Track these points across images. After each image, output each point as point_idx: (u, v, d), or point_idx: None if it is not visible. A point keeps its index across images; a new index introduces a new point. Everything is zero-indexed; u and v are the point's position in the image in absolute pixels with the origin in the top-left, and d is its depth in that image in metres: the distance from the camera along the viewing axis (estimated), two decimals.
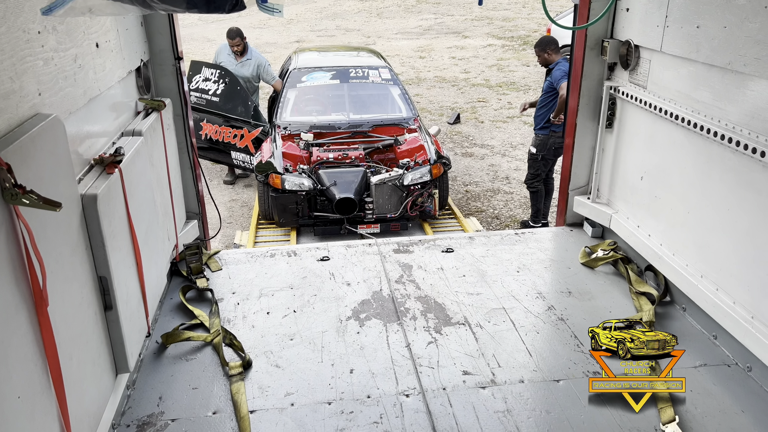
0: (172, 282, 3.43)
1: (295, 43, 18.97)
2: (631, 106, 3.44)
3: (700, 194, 2.87)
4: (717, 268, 2.77)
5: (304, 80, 7.42)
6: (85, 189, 2.19)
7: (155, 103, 3.26)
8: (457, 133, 10.20)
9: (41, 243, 1.71)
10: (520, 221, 6.84)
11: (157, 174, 3.12)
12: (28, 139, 1.73)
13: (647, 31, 3.18)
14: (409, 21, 22.31)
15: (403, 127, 6.75)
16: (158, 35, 3.38)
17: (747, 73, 2.46)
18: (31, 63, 1.92)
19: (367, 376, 2.64)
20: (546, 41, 6.12)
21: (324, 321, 3.05)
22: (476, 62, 15.85)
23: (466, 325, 2.99)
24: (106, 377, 2.32)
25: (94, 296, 2.21)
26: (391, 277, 3.47)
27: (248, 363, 2.72)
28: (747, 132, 2.50)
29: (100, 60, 2.60)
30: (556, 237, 4.01)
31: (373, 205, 5.86)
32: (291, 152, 6.24)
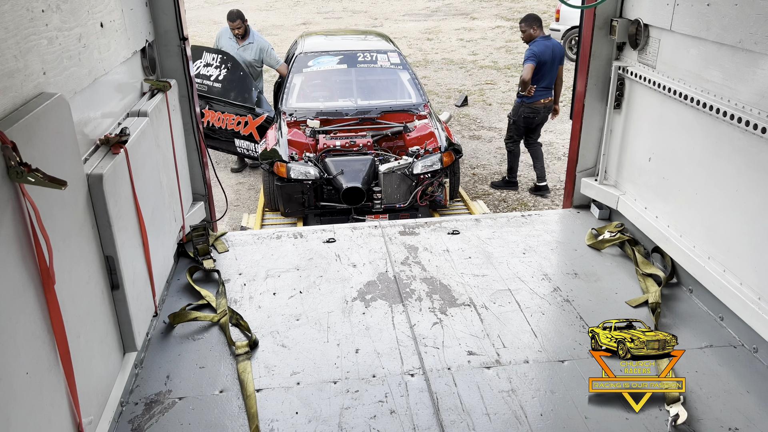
0: (179, 263, 3.45)
1: (301, 25, 18.85)
2: (639, 87, 3.41)
3: (708, 175, 2.84)
4: (724, 249, 2.76)
5: (311, 65, 7.23)
6: (91, 169, 2.20)
7: (161, 84, 3.25)
8: (465, 116, 10.14)
9: (47, 222, 1.72)
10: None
11: (163, 155, 3.12)
12: (33, 118, 1.73)
13: (657, 9, 3.13)
14: (416, 3, 22.10)
15: (412, 113, 6.57)
16: (163, 15, 3.36)
17: (758, 51, 2.42)
18: (35, 42, 1.91)
19: (372, 355, 2.66)
20: (532, 17, 6.74)
21: (330, 302, 3.06)
22: (484, 44, 15.71)
23: (472, 306, 2.99)
24: (114, 355, 2.35)
25: (101, 275, 2.23)
26: (397, 258, 3.47)
27: (255, 343, 2.74)
28: (757, 112, 2.47)
29: (104, 40, 2.59)
30: (563, 219, 3.99)
31: (381, 195, 5.70)
32: (297, 140, 6.08)
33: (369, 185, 5.61)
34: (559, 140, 8.78)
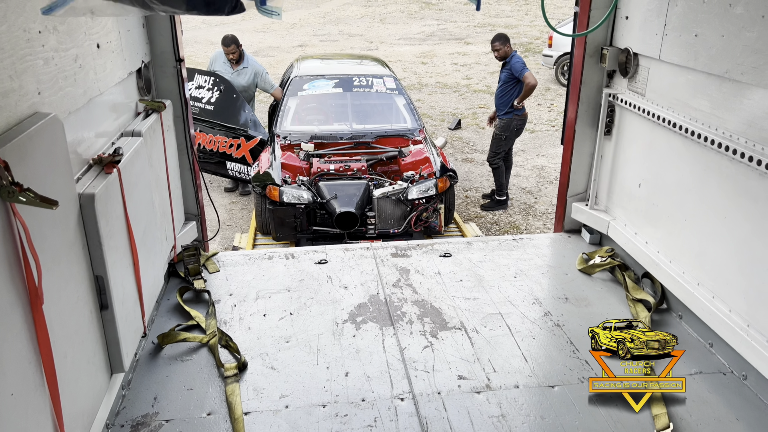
0: (170, 283, 3.43)
1: (297, 47, 19.03)
2: (629, 114, 3.45)
3: (697, 202, 2.88)
4: (713, 276, 2.77)
5: (306, 88, 7.21)
6: (83, 188, 2.20)
7: (155, 105, 3.27)
8: (458, 139, 10.22)
9: (37, 241, 1.72)
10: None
11: (156, 175, 3.12)
12: (26, 138, 1.74)
13: (646, 39, 3.19)
14: (411, 27, 22.37)
15: (407, 138, 6.52)
16: (159, 37, 3.39)
17: (744, 81, 2.47)
18: (31, 62, 1.93)
19: (362, 379, 2.64)
20: (504, 36, 7.06)
21: (320, 324, 3.05)
22: (478, 68, 15.89)
23: (462, 330, 2.99)
24: (101, 376, 2.33)
25: (90, 295, 2.21)
26: (389, 280, 3.47)
27: (244, 365, 2.72)
28: (744, 141, 2.50)
29: (100, 60, 2.61)
30: (554, 243, 4.01)
31: (375, 220, 5.58)
32: (290, 163, 6.01)
33: (363, 210, 5.54)
34: (551, 164, 8.85)
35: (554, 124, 10.92)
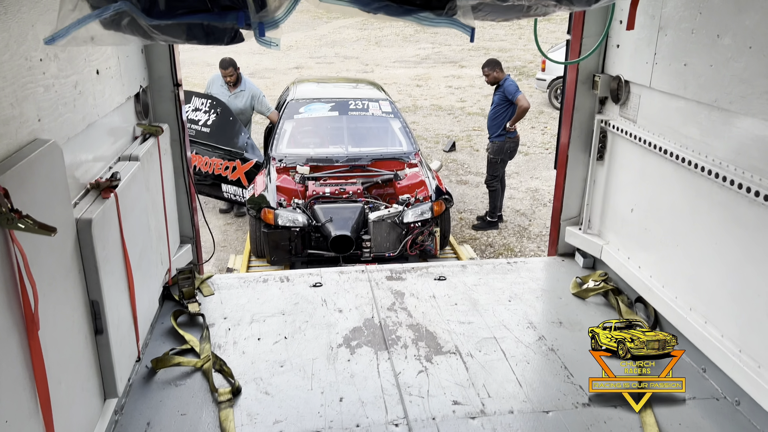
0: (164, 306, 3.43)
1: (294, 69, 19.18)
2: (621, 140, 3.50)
3: (689, 228, 2.91)
4: (706, 301, 2.80)
5: (302, 111, 7.23)
6: (80, 213, 2.21)
7: (153, 129, 3.30)
8: (453, 161, 10.29)
9: (35, 267, 1.73)
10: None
11: (153, 198, 3.14)
12: (26, 165, 1.76)
13: (637, 67, 3.25)
14: (406, 50, 22.61)
15: (403, 161, 6.55)
16: (158, 62, 3.43)
17: (733, 110, 2.52)
18: (32, 90, 1.96)
19: (356, 404, 2.64)
20: (494, 62, 7.29)
21: (315, 348, 3.05)
22: (472, 91, 16.04)
23: (457, 354, 2.99)
24: (95, 402, 2.31)
25: (86, 320, 2.21)
26: (383, 304, 3.48)
27: (238, 389, 2.71)
28: (733, 168, 2.55)
29: (100, 86, 2.64)
30: (548, 267, 4.03)
31: (370, 243, 5.58)
32: (285, 186, 6.02)
33: (358, 233, 5.52)
34: (545, 186, 8.90)
35: (548, 147, 11.01)
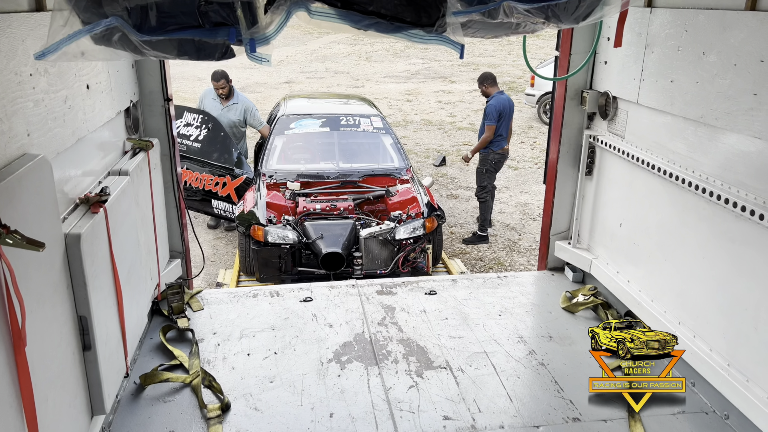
0: (153, 321, 3.40)
1: (285, 83, 19.24)
2: (609, 155, 3.54)
3: (677, 242, 2.93)
4: (694, 315, 2.81)
5: (293, 127, 7.16)
6: (69, 228, 2.20)
7: (143, 143, 3.29)
8: (443, 175, 10.33)
9: (22, 282, 1.71)
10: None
11: (142, 213, 3.13)
12: (15, 180, 1.75)
13: (624, 83, 3.29)
14: (397, 65, 22.75)
15: (395, 177, 6.46)
16: (148, 76, 3.43)
17: (719, 126, 2.56)
18: (21, 104, 1.95)
19: (346, 420, 2.62)
20: (483, 77, 7.60)
21: (305, 363, 3.03)
22: (462, 106, 16.15)
23: (448, 369, 2.99)
24: (82, 419, 2.28)
25: (74, 336, 2.19)
26: (374, 319, 3.47)
27: (227, 406, 2.69)
28: (720, 183, 2.58)
29: (90, 101, 2.64)
30: (538, 281, 4.04)
31: (362, 261, 5.44)
32: (276, 202, 5.91)
33: (349, 250, 5.41)
34: (535, 201, 8.95)
35: (537, 162, 11.09)
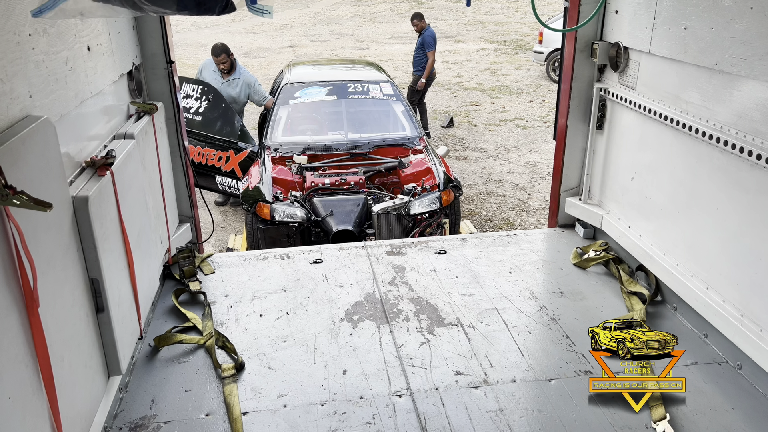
0: (165, 285, 3.43)
1: (288, 47, 19.00)
2: (621, 108, 3.47)
3: (689, 194, 2.89)
4: (707, 267, 2.79)
5: (298, 96, 6.82)
6: (77, 191, 2.19)
7: (147, 107, 3.26)
8: (451, 137, 10.24)
9: (32, 244, 1.71)
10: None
11: (150, 177, 3.12)
12: (19, 141, 1.73)
13: (636, 33, 3.21)
14: (402, 26, 22.37)
15: (407, 147, 6.13)
16: (150, 39, 3.38)
17: (734, 73, 2.49)
18: (21, 65, 1.92)
19: (359, 377, 2.65)
20: (415, 15, 9.94)
21: (317, 323, 3.05)
22: (469, 66, 15.92)
23: (459, 326, 3.00)
24: (98, 379, 2.32)
25: (86, 298, 2.21)
26: (384, 278, 3.48)
27: (241, 365, 2.72)
28: (735, 132, 2.52)
29: (91, 63, 2.61)
30: (548, 238, 4.02)
31: (374, 238, 5.04)
32: (282, 177, 5.63)
33: (361, 227, 5.13)
34: (544, 160, 8.88)
35: (546, 121, 10.96)
